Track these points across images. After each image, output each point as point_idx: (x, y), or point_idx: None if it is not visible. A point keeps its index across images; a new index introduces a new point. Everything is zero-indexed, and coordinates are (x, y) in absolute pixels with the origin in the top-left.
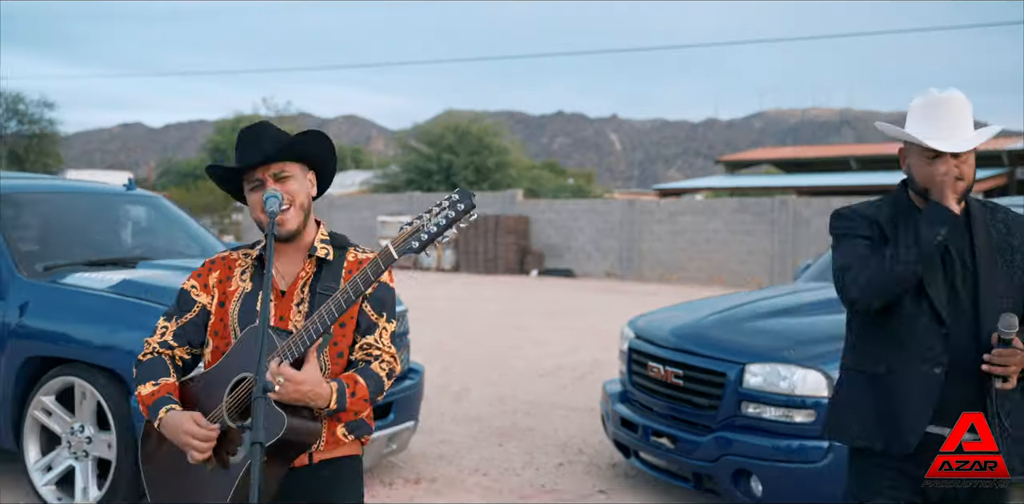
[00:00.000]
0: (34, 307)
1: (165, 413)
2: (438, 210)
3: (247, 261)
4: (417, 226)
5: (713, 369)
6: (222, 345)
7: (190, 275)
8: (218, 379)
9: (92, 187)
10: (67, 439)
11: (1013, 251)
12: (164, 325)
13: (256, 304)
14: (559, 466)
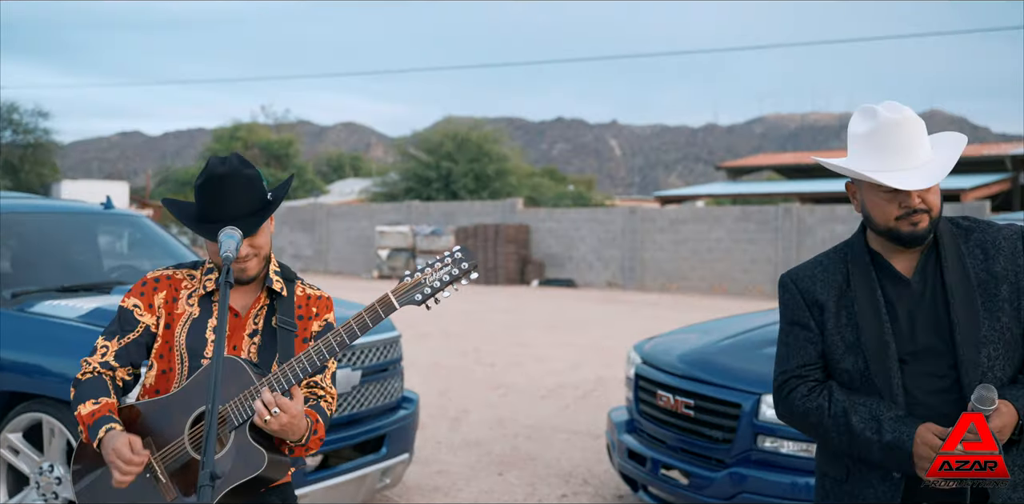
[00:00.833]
0: (1, 337)
1: (104, 433)
2: (440, 266)
3: (193, 283)
4: (419, 279)
5: (727, 399)
6: (167, 368)
7: (130, 293)
8: (176, 407)
9: (68, 206)
10: (35, 479)
11: (997, 281)
12: (104, 344)
13: (205, 331)
14: (562, 498)
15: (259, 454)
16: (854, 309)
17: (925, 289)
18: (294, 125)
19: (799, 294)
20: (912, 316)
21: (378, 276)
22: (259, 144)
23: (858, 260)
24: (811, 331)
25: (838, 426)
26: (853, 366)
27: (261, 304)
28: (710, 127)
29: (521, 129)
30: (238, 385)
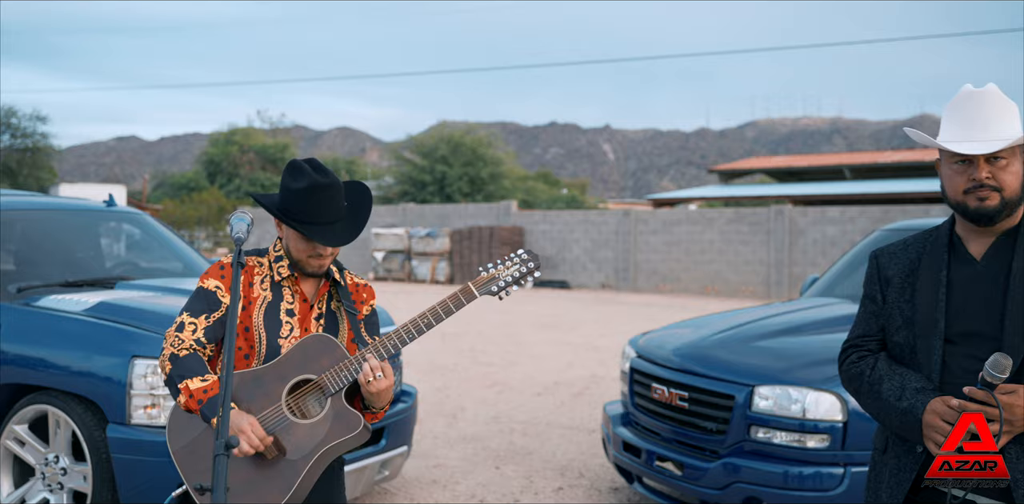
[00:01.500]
0: (6, 331)
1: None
2: (511, 264)
3: (263, 269)
4: (494, 274)
5: (720, 391)
6: (246, 347)
7: (207, 274)
8: (271, 377)
9: (70, 204)
10: (41, 470)
11: None
12: (192, 321)
13: (279, 314)
14: (558, 491)
15: (356, 417)
16: (917, 286)
17: (990, 272)
18: (289, 129)
19: (876, 269)
20: (969, 297)
21: (374, 277)
22: (255, 148)
23: (938, 241)
24: (877, 305)
25: (872, 391)
26: (904, 340)
27: (326, 291)
28: (702, 131)
29: (515, 133)
30: (331, 358)
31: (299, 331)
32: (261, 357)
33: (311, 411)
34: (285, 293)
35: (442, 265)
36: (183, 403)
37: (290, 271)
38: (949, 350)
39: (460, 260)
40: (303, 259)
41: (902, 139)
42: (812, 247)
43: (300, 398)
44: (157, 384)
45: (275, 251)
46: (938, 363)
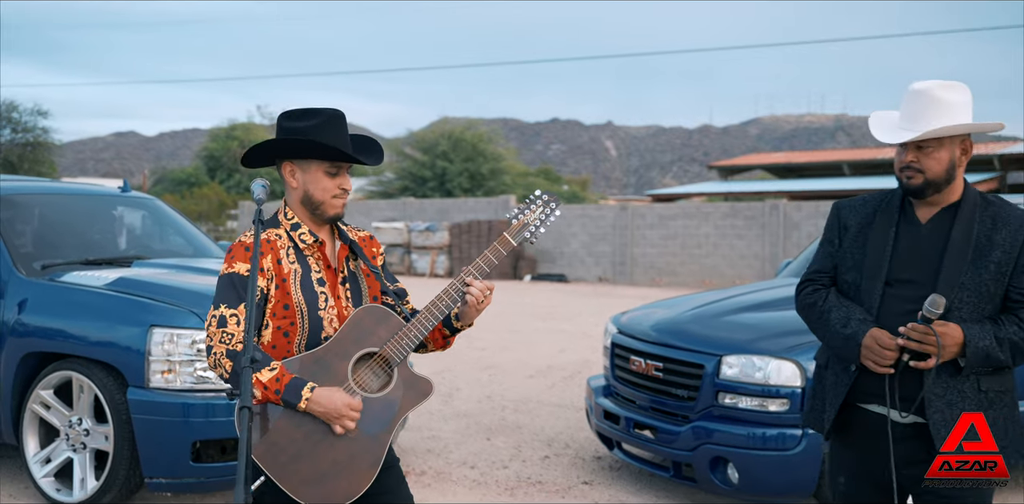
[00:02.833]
0: (32, 304)
1: (311, 392)
2: (536, 207)
3: (284, 241)
4: (523, 221)
5: (692, 361)
6: (285, 325)
7: (234, 259)
8: (333, 355)
9: (88, 189)
10: (65, 432)
11: (992, 246)
12: (234, 313)
13: (313, 285)
14: (544, 459)
15: (427, 382)
16: (869, 237)
17: (931, 234)
18: None
19: (837, 218)
20: (911, 251)
21: None
22: (255, 143)
23: (892, 203)
24: (834, 247)
25: (821, 318)
26: (852, 280)
27: (346, 254)
28: (705, 128)
29: (516, 130)
30: (387, 328)
31: (332, 300)
32: (304, 332)
33: (376, 383)
34: (311, 262)
35: (441, 259)
36: (259, 396)
37: (313, 237)
38: (887, 291)
39: (459, 254)
40: (327, 200)
41: None
42: (806, 241)
43: (363, 373)
44: (174, 351)
45: (287, 219)
46: (877, 300)
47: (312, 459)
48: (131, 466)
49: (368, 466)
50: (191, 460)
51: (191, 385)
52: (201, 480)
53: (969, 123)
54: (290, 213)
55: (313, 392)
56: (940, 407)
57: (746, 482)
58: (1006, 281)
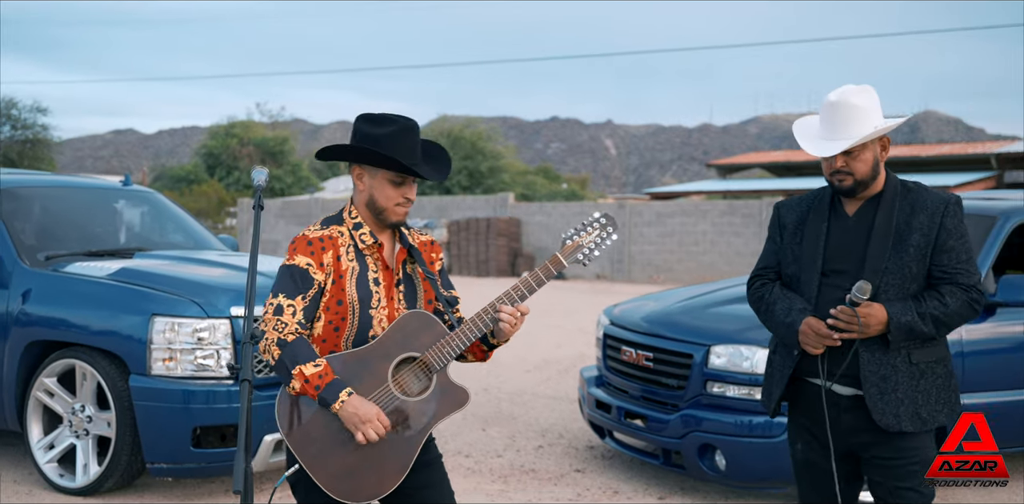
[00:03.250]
0: (36, 294)
1: (347, 396)
2: (592, 230)
3: (345, 239)
4: (577, 242)
5: (681, 351)
6: (336, 320)
7: (296, 251)
8: (375, 357)
9: (91, 182)
10: (68, 418)
11: (911, 230)
12: (291, 303)
13: (368, 284)
14: (538, 448)
15: (463, 391)
16: (805, 233)
17: (858, 226)
18: (289, 123)
19: (778, 217)
20: (841, 243)
21: None
22: (254, 141)
23: (823, 200)
24: (776, 244)
25: (768, 310)
26: (792, 273)
27: (404, 257)
28: (705, 127)
29: (516, 128)
30: (431, 335)
31: (385, 300)
32: (353, 329)
33: (415, 388)
34: (369, 262)
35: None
36: (298, 388)
37: (373, 238)
38: (823, 282)
39: (458, 251)
40: (390, 207)
41: (906, 135)
42: None
43: (403, 376)
44: (175, 339)
45: (351, 217)
46: (815, 290)
47: (343, 454)
48: (133, 452)
49: (397, 468)
50: (192, 446)
51: (192, 373)
52: (201, 465)
53: (886, 126)
54: (354, 212)
55: (350, 396)
56: (875, 381)
57: (733, 469)
58: (927, 261)
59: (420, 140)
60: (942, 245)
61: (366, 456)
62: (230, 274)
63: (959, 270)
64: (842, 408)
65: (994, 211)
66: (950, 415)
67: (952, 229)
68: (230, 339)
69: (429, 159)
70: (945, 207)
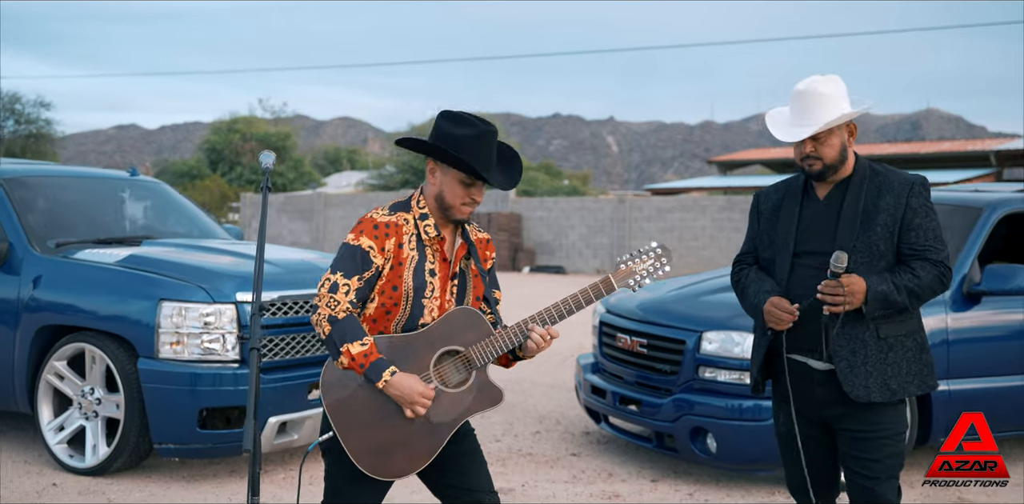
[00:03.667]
0: (47, 280)
1: (391, 375)
2: (647, 258)
3: (410, 227)
4: (631, 268)
5: (674, 337)
6: (389, 304)
7: (361, 233)
8: (421, 344)
9: (98, 172)
10: (78, 401)
11: (878, 211)
12: (346, 283)
13: (424, 274)
14: (536, 434)
15: (499, 391)
16: (779, 217)
17: (828, 208)
18: (291, 119)
19: (756, 205)
20: (812, 225)
21: None
22: (257, 136)
23: (796, 186)
24: (754, 230)
25: (744, 293)
26: (768, 255)
27: (464, 253)
28: (707, 124)
29: (518, 125)
30: (477, 333)
31: (439, 291)
32: (404, 315)
33: (453, 380)
34: (428, 253)
35: None
36: (345, 364)
37: (436, 231)
38: (796, 262)
39: None
40: (456, 206)
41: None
42: None
43: (444, 367)
44: (182, 323)
45: (419, 207)
46: (787, 271)
47: (377, 431)
48: (141, 433)
49: (425, 452)
50: (198, 427)
51: (198, 356)
52: (208, 446)
53: (850, 112)
54: (422, 202)
55: (393, 376)
56: (844, 355)
57: (723, 451)
58: (895, 240)
59: (497, 143)
60: (909, 223)
61: (398, 436)
62: (236, 261)
63: (927, 247)
64: (816, 382)
65: (981, 203)
66: (921, 386)
67: (918, 208)
68: (235, 324)
69: (504, 165)
70: (911, 188)
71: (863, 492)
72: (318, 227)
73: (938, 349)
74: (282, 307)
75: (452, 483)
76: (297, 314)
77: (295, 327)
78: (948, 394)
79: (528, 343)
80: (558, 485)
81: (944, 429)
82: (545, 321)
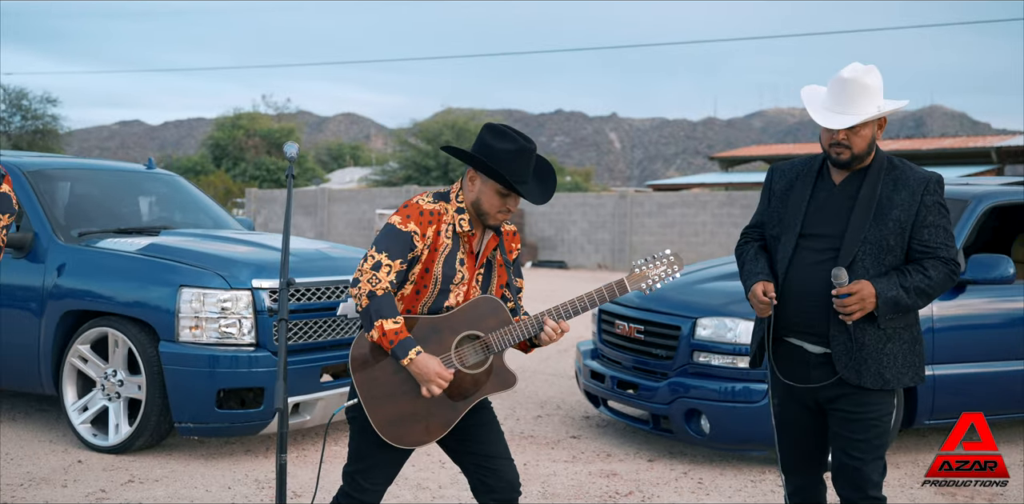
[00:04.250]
0: (71, 268)
1: (416, 354)
2: (660, 264)
3: (448, 217)
4: (645, 272)
5: (670, 324)
6: (420, 286)
7: (408, 218)
8: (446, 327)
9: (117, 166)
10: (101, 383)
11: (892, 206)
12: (388, 263)
13: (455, 262)
14: (537, 418)
15: (512, 376)
16: (791, 197)
17: (842, 194)
18: (295, 115)
19: (769, 181)
20: (823, 209)
21: None
22: (260, 132)
23: (811, 167)
24: (764, 205)
25: (743, 269)
26: (775, 233)
27: (495, 245)
28: (710, 121)
29: (520, 121)
30: (496, 321)
31: (467, 278)
32: (432, 296)
33: (471, 361)
34: (461, 243)
35: None
36: (375, 338)
37: (470, 226)
38: (800, 243)
39: None
40: (492, 213)
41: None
42: None
43: (464, 349)
44: (200, 309)
45: (457, 201)
46: (791, 251)
47: (398, 402)
48: (161, 413)
49: (441, 425)
50: (216, 407)
51: (216, 339)
52: (225, 425)
53: (890, 108)
54: (461, 196)
55: (418, 355)
56: (842, 340)
57: (717, 432)
58: (906, 236)
59: (535, 158)
60: (922, 221)
61: (417, 409)
62: (250, 250)
63: (939, 245)
64: (811, 364)
65: (967, 195)
66: (913, 378)
67: (932, 206)
68: (251, 309)
69: (539, 179)
70: (926, 185)
71: (850, 472)
72: (322, 222)
73: (924, 336)
74: (295, 294)
75: (471, 450)
76: (310, 301)
77: (308, 313)
78: (933, 379)
79: (541, 335)
80: (558, 464)
81: (928, 412)
82: (559, 315)
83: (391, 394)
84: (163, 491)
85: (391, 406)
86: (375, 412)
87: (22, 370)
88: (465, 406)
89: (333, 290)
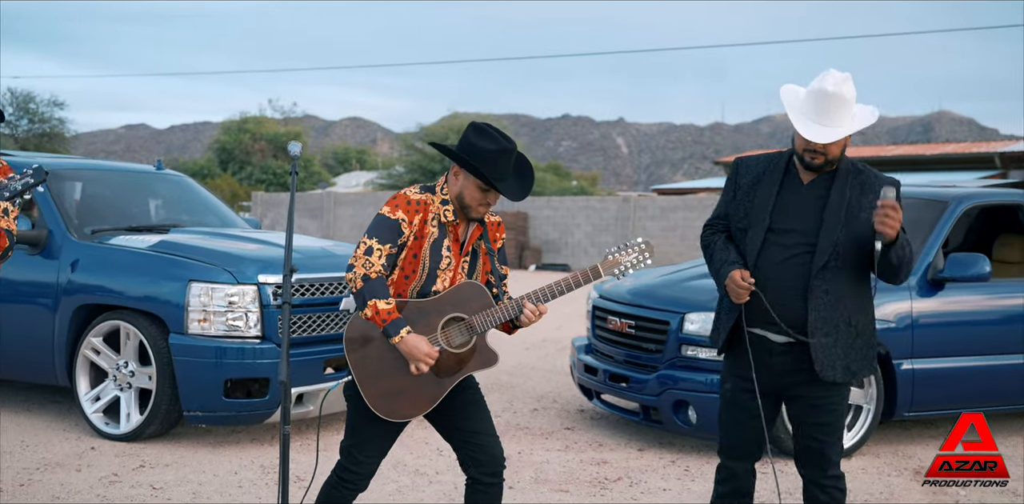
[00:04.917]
0: (84, 263)
1: (407, 333)
2: (632, 251)
3: (434, 208)
4: (618, 259)
5: (659, 319)
6: (408, 271)
7: (396, 207)
8: (433, 310)
9: (128, 166)
10: (113, 374)
11: (860, 208)
12: (379, 248)
13: (441, 249)
14: (533, 411)
15: (494, 354)
16: (757, 192)
17: (810, 193)
18: (301, 119)
19: (735, 173)
20: (791, 206)
21: None
22: (267, 136)
23: (778, 164)
24: (729, 198)
25: (711, 258)
26: (742, 227)
27: (479, 235)
28: (717, 126)
29: (527, 126)
30: (480, 304)
31: (454, 262)
32: (420, 282)
33: (456, 341)
34: (448, 231)
35: None
36: (368, 316)
37: (454, 217)
38: (768, 238)
39: None
40: (473, 206)
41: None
42: None
43: (450, 330)
44: (209, 302)
45: (442, 193)
46: (759, 244)
47: (389, 377)
48: (171, 402)
49: (428, 399)
50: (223, 396)
51: (224, 332)
52: (232, 414)
53: (871, 120)
54: (446, 189)
55: (408, 334)
56: (820, 338)
57: (703, 422)
58: (870, 236)
59: (516, 157)
60: None
61: (406, 384)
62: (257, 247)
63: None
64: (774, 353)
65: (947, 196)
66: (870, 369)
67: None
68: (257, 303)
69: (518, 176)
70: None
71: (814, 453)
72: (328, 225)
73: (903, 331)
74: (299, 289)
75: (458, 427)
76: (314, 296)
77: (312, 307)
78: (912, 373)
79: (521, 317)
80: (552, 453)
81: (908, 405)
82: (538, 299)
83: (381, 371)
84: (173, 475)
85: (382, 382)
86: (368, 388)
87: (37, 362)
88: (451, 382)
89: (336, 286)
